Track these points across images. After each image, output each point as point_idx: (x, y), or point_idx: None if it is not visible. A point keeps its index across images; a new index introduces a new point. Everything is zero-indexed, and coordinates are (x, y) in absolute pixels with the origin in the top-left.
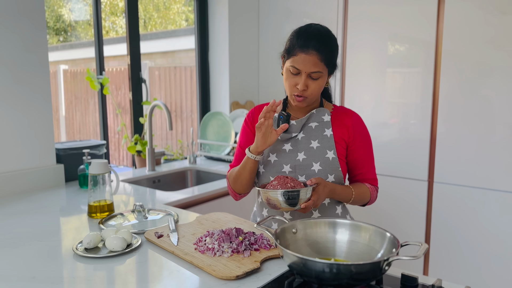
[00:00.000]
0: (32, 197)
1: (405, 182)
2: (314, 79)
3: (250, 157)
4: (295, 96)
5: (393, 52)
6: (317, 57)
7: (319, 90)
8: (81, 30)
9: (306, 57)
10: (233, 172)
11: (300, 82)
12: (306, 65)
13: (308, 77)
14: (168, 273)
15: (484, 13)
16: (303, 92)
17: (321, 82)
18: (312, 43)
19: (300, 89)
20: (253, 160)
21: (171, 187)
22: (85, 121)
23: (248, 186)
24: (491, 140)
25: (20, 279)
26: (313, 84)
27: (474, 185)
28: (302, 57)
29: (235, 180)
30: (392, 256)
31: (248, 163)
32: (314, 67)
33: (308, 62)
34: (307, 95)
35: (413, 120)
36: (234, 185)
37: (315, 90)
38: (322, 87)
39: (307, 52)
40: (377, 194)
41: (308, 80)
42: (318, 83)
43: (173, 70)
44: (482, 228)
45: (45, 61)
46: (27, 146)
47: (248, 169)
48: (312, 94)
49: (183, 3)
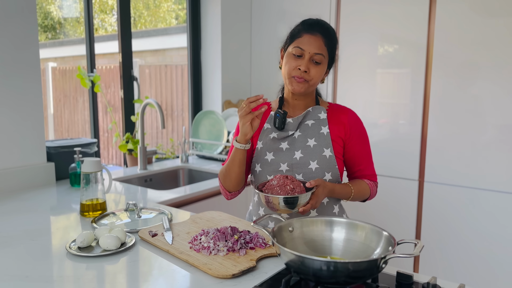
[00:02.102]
0: (23, 196)
1: (396, 181)
2: (316, 64)
3: (238, 147)
4: (295, 78)
5: (385, 53)
6: (322, 40)
7: (319, 77)
8: (70, 27)
9: (312, 37)
10: (223, 168)
11: (303, 63)
12: (312, 45)
13: (311, 60)
14: (163, 271)
15: (474, 15)
16: (304, 74)
17: (322, 69)
18: (317, 27)
19: (302, 69)
20: (241, 151)
21: (163, 186)
22: (74, 119)
23: (238, 182)
24: (481, 140)
25: (13, 278)
26: (314, 69)
27: (464, 185)
28: (308, 38)
29: (225, 176)
30: (389, 254)
31: (237, 155)
32: (318, 49)
33: (314, 42)
34: (308, 78)
35: (404, 120)
36: (224, 181)
37: (316, 76)
38: (322, 75)
39: (313, 33)
40: (377, 189)
41: (310, 64)
42: (319, 69)
43: (163, 69)
44: (472, 227)
45: (36, 59)
46: (18, 144)
47: (237, 162)
48: (313, 79)
49: (173, 1)
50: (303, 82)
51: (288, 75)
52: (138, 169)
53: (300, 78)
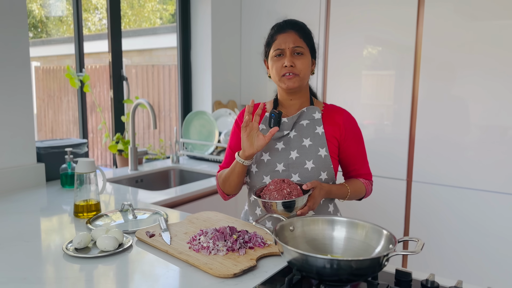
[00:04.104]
0: (12, 197)
1: (385, 181)
2: (299, 55)
3: (239, 161)
4: (285, 76)
5: (374, 55)
6: (296, 34)
7: (307, 68)
8: (52, 26)
9: (285, 35)
10: (222, 174)
11: (286, 59)
12: (287, 42)
13: (292, 54)
14: (164, 272)
15: (460, 18)
16: (292, 69)
17: (307, 60)
18: (287, 25)
19: (288, 65)
20: (241, 165)
21: (154, 187)
22: (58, 120)
23: (237, 188)
24: (467, 141)
25: (10, 280)
26: (298, 61)
27: (451, 184)
28: (282, 37)
29: (224, 182)
30: (391, 252)
31: (236, 167)
32: (295, 42)
33: (288, 38)
34: (297, 72)
35: (393, 121)
36: (223, 186)
37: (303, 66)
38: (308, 65)
39: (285, 31)
40: (372, 187)
41: (293, 58)
42: (304, 60)
43: (150, 68)
44: (458, 225)
45: (26, 58)
46: (7, 144)
47: (236, 173)
48: (301, 71)
49: (157, 1)
50: (293, 77)
51: (278, 75)
52: (128, 169)
53: (290, 74)
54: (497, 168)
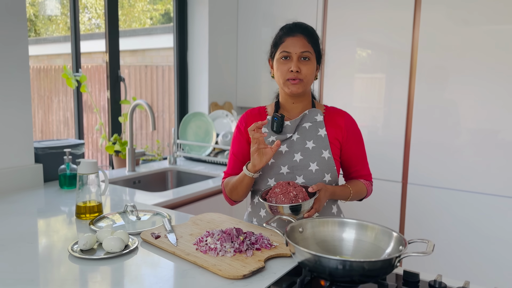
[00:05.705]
0: (10, 198)
1: (380, 183)
2: (305, 60)
3: (247, 174)
4: (289, 80)
5: (371, 58)
6: (305, 39)
7: (312, 73)
8: (41, 25)
9: (294, 39)
10: (229, 183)
11: (293, 64)
12: (296, 46)
13: (299, 59)
14: (173, 273)
15: (453, 24)
16: (297, 74)
17: (312, 65)
18: (297, 29)
19: (294, 70)
20: (250, 177)
21: (151, 188)
22: (49, 120)
23: (244, 195)
24: (461, 143)
25: (17, 282)
26: (304, 67)
27: (446, 186)
28: (291, 40)
29: (231, 191)
30: (403, 253)
31: (245, 179)
32: (303, 47)
33: (297, 43)
34: (301, 77)
35: (389, 124)
36: (231, 195)
37: (308, 72)
38: (313, 72)
39: (294, 35)
40: (372, 188)
41: (300, 63)
42: (309, 66)
43: (144, 69)
44: (453, 227)
45: (25, 58)
46: (5, 145)
47: (244, 184)
48: (306, 77)
49: (148, 1)
50: (298, 82)
51: (282, 79)
52: (126, 170)
53: (294, 79)
54: (490, 171)
